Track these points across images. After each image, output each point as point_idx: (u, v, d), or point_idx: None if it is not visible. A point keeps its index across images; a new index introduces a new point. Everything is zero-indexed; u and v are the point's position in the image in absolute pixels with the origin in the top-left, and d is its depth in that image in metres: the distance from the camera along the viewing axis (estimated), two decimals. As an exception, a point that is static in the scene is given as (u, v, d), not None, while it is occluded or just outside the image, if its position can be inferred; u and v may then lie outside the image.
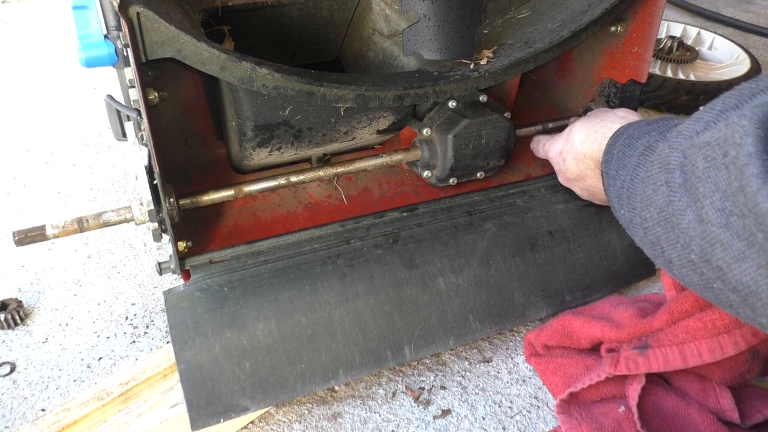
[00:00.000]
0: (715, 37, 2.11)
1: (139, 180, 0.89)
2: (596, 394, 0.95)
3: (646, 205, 0.69)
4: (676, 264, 0.65)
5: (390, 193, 1.15)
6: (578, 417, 0.92)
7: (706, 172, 0.57)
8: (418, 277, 1.00)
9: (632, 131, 0.82)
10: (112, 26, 0.89)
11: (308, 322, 0.93)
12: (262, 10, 1.05)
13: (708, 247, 0.58)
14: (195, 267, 0.96)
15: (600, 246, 1.13)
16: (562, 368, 1.02)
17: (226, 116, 0.99)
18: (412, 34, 0.99)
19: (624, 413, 0.91)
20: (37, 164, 1.63)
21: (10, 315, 1.14)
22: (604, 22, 1.03)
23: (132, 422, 0.96)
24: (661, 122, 0.79)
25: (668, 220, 0.64)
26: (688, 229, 0.60)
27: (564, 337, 1.03)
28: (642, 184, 0.70)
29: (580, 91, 1.29)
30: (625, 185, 0.76)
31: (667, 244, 0.65)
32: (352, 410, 1.00)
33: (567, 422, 0.92)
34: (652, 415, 0.91)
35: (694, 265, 0.61)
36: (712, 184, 0.56)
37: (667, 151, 0.65)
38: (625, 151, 0.80)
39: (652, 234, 0.68)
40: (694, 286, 0.64)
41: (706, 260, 0.59)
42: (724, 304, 0.61)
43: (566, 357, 1.03)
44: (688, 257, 0.62)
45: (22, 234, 0.87)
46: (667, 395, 0.93)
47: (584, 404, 0.95)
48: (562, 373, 1.01)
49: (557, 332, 1.03)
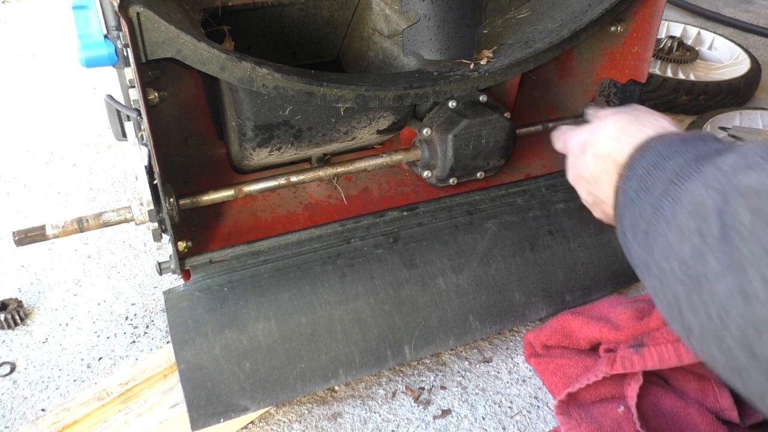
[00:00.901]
0: (715, 37, 2.11)
1: (139, 180, 0.89)
2: (595, 395, 0.95)
3: (667, 254, 0.55)
4: (697, 335, 0.52)
5: (390, 192, 1.15)
6: (577, 417, 0.92)
7: (753, 229, 0.45)
8: (418, 277, 1.00)
9: (663, 148, 0.67)
10: (112, 26, 0.89)
11: (308, 321, 0.93)
12: (262, 10, 1.05)
13: (754, 334, 0.44)
14: (195, 267, 0.96)
15: (600, 246, 1.13)
16: (561, 369, 1.02)
17: (226, 116, 0.99)
18: (412, 34, 0.99)
19: (623, 413, 0.92)
20: (37, 164, 1.63)
21: (10, 315, 1.14)
22: (604, 22, 1.03)
23: (132, 422, 0.96)
24: (699, 143, 0.63)
25: (695, 281, 0.50)
26: (725, 301, 0.47)
27: (563, 337, 1.03)
28: (666, 224, 0.56)
29: (580, 91, 1.28)
30: (645, 217, 0.61)
31: (689, 309, 0.51)
32: (352, 410, 1.00)
33: (566, 423, 0.92)
34: (651, 415, 0.91)
35: (726, 345, 0.48)
36: (760, 248, 0.44)
37: (702, 191, 0.52)
38: (651, 171, 0.65)
39: (669, 291, 0.55)
40: (716, 364, 0.51)
41: (746, 347, 0.45)
42: (756, 395, 0.48)
43: (566, 357, 1.03)
44: (717, 333, 0.48)
45: (22, 234, 0.87)
46: (666, 395, 0.93)
47: (584, 405, 0.95)
48: (562, 373, 1.01)
49: (556, 332, 1.03)
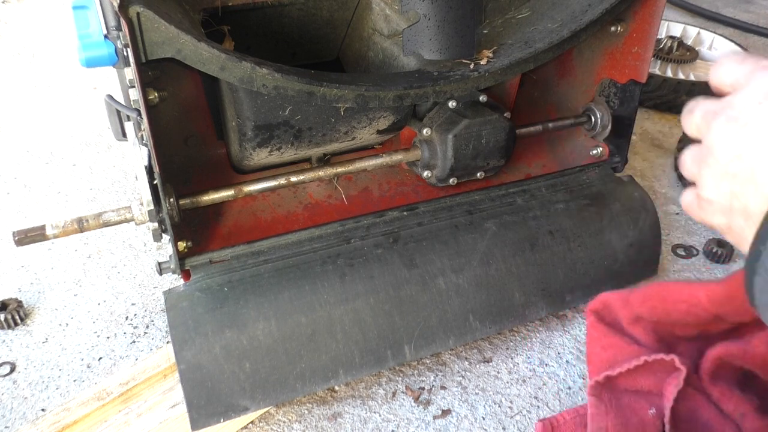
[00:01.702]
0: (715, 37, 2.11)
1: (139, 180, 0.89)
2: (633, 384, 0.90)
3: None
4: None
5: (390, 192, 1.15)
6: (607, 404, 0.88)
7: None
8: (418, 277, 1.00)
9: None
10: (112, 26, 0.89)
11: (308, 321, 0.93)
12: (262, 10, 1.05)
13: None
14: (195, 267, 0.96)
15: (600, 245, 1.13)
16: (614, 348, 0.94)
17: (226, 116, 0.99)
18: (412, 34, 0.99)
19: (652, 418, 0.87)
20: (37, 164, 1.63)
21: (10, 315, 1.14)
22: (604, 22, 1.03)
23: (132, 422, 0.96)
24: None
25: None
26: None
27: (659, 301, 0.90)
28: None
29: (580, 91, 1.29)
30: None
31: None
32: (352, 410, 1.00)
33: (595, 406, 0.88)
34: (685, 420, 0.87)
35: None
36: None
37: None
38: None
39: None
40: None
41: None
42: None
43: (628, 342, 0.94)
44: None
45: (22, 234, 0.87)
46: (707, 406, 0.88)
47: (617, 391, 0.90)
48: (612, 353, 0.93)
49: (651, 297, 0.90)
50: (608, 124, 1.22)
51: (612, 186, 1.19)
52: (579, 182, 1.19)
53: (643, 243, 1.17)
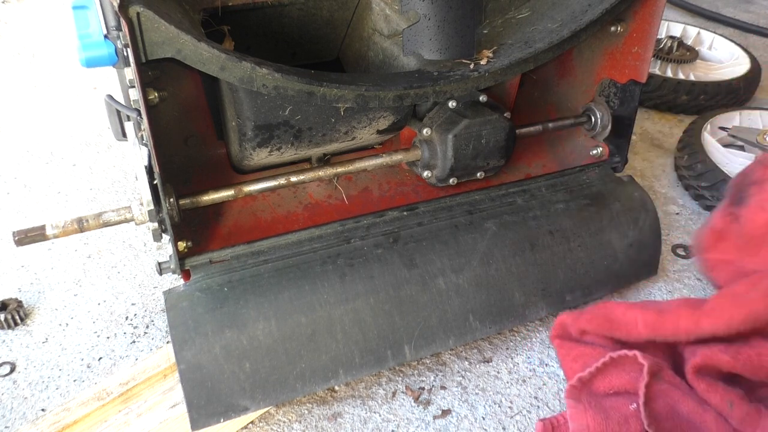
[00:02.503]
0: (715, 37, 2.11)
1: (139, 180, 0.89)
2: (609, 385, 0.94)
3: None
4: None
5: (390, 192, 1.15)
6: (586, 404, 0.91)
7: None
8: (418, 277, 1.00)
9: None
10: (112, 26, 0.89)
11: (308, 321, 0.93)
12: (262, 10, 1.05)
13: None
14: (195, 267, 0.96)
15: (600, 246, 1.13)
16: (583, 356, 1.00)
17: (226, 116, 0.99)
18: (412, 34, 0.99)
19: (634, 411, 0.91)
20: (37, 164, 1.63)
21: (10, 315, 1.14)
22: (604, 22, 1.03)
23: (132, 422, 0.96)
24: None
25: None
26: None
27: (604, 321, 1.00)
28: None
29: (580, 91, 1.29)
30: None
31: None
32: (352, 410, 1.00)
33: (573, 407, 0.91)
34: (665, 417, 0.90)
35: None
36: None
37: None
38: None
39: None
40: None
41: None
42: None
43: (592, 347, 1.01)
44: None
45: (22, 234, 0.87)
46: (686, 399, 0.91)
47: (596, 395, 0.94)
48: (583, 362, 1.00)
49: (598, 316, 1.01)
50: (608, 124, 1.22)
51: (612, 186, 1.19)
52: (579, 182, 1.19)
53: (643, 243, 1.17)
